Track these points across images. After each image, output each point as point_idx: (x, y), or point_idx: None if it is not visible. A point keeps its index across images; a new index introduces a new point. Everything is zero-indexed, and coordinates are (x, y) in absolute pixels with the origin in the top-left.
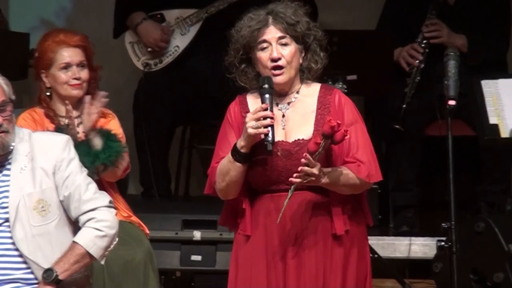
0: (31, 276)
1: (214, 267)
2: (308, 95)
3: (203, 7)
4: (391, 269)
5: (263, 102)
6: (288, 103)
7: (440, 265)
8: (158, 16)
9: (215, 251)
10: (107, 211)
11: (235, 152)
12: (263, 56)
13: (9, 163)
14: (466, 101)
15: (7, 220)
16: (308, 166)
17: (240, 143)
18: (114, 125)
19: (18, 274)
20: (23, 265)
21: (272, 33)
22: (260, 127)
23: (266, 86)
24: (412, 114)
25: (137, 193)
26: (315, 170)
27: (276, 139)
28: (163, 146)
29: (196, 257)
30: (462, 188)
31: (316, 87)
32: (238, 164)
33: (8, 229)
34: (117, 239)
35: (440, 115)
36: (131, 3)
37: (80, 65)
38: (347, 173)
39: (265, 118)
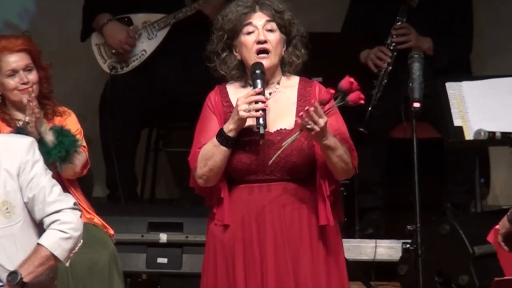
0: None
1: (180, 269)
2: (288, 87)
3: (171, 13)
4: (357, 272)
5: (255, 86)
6: (269, 93)
7: (405, 267)
8: (126, 19)
9: (181, 254)
10: (71, 213)
11: (222, 136)
12: (249, 39)
13: None
14: (431, 103)
15: None
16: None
17: (228, 126)
18: (71, 122)
19: None
20: None
21: (259, 17)
22: (252, 111)
23: (258, 71)
24: (378, 117)
25: (103, 195)
26: (321, 122)
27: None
28: (129, 148)
29: (162, 260)
30: (428, 190)
31: (295, 79)
32: (223, 148)
33: None
34: (81, 241)
35: (405, 118)
36: (98, 5)
37: (27, 68)
38: (345, 150)
39: (256, 102)
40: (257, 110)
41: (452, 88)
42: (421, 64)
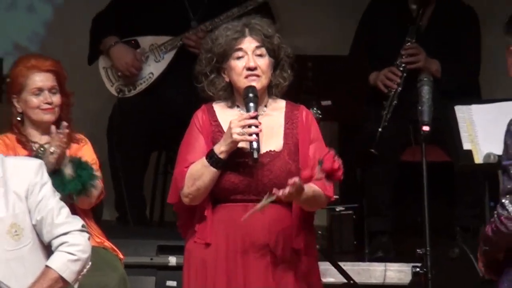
0: None
1: None
2: (275, 109)
3: (177, 35)
4: None
5: (248, 110)
6: (256, 116)
7: None
8: (133, 42)
9: None
10: (79, 235)
11: (212, 157)
12: (239, 64)
13: None
14: (440, 126)
15: None
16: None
17: (220, 148)
18: (87, 151)
19: None
20: None
21: (249, 42)
22: (245, 135)
23: (251, 95)
24: (388, 138)
25: (112, 218)
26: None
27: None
28: (137, 171)
29: (172, 283)
30: (437, 213)
31: (282, 103)
32: (213, 169)
33: None
34: (90, 263)
35: (414, 141)
36: (105, 28)
37: (52, 90)
38: (318, 192)
39: (250, 126)
40: (250, 134)
41: (462, 112)
42: (430, 88)
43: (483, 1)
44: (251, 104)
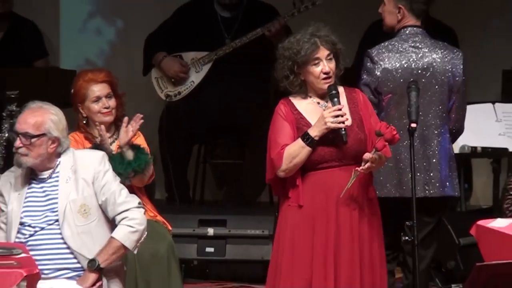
0: (78, 265)
1: (224, 257)
2: (341, 97)
3: (213, 50)
4: None
5: (334, 104)
6: (326, 101)
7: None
8: (178, 57)
9: (225, 244)
10: (137, 211)
11: (308, 139)
12: (316, 70)
13: (57, 176)
14: None
15: (56, 221)
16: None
17: (314, 132)
18: (141, 141)
19: (68, 264)
20: (71, 256)
21: (322, 51)
22: (335, 123)
23: (334, 91)
24: None
25: (162, 198)
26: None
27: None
28: (182, 161)
29: (210, 249)
30: None
31: (341, 88)
32: (308, 148)
33: (57, 228)
34: (146, 233)
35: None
36: (155, 46)
37: (108, 96)
38: (383, 156)
39: (337, 116)
40: (339, 122)
41: None
42: (417, 93)
43: (457, 13)
44: (335, 99)
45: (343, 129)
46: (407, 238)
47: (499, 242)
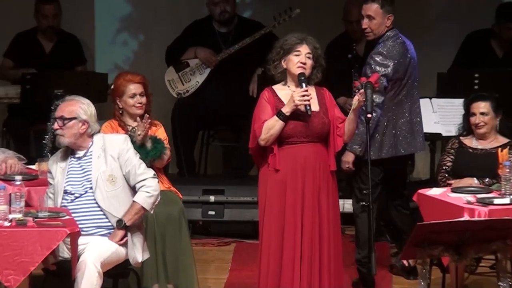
0: (109, 224)
1: (223, 218)
2: (310, 90)
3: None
4: None
5: (302, 86)
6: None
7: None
8: (185, 63)
9: (223, 209)
10: (152, 180)
11: (281, 114)
12: (295, 58)
13: (91, 153)
14: None
15: (91, 188)
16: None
17: (286, 109)
18: (161, 132)
19: (101, 223)
20: (103, 216)
21: (304, 48)
22: (303, 101)
23: (303, 77)
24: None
25: (174, 172)
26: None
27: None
28: (190, 144)
29: (211, 212)
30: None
31: (312, 87)
32: (281, 122)
33: (91, 194)
34: (159, 197)
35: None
36: (174, 54)
37: (141, 94)
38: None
39: (303, 95)
40: (305, 100)
41: None
42: (371, 90)
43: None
44: (303, 83)
45: (307, 106)
46: (364, 203)
47: (435, 206)
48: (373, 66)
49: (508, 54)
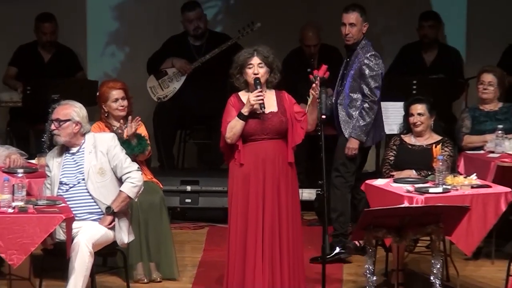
0: (99, 210)
1: (198, 205)
2: (270, 93)
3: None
4: None
5: (257, 89)
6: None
7: (317, 203)
8: (163, 71)
9: (198, 197)
10: (136, 173)
11: (240, 115)
12: (249, 71)
13: (83, 150)
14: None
15: (83, 179)
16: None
17: (244, 109)
18: (142, 129)
19: (92, 209)
20: (94, 204)
21: (255, 60)
22: (257, 100)
23: (257, 81)
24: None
25: (156, 166)
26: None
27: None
28: (170, 141)
29: (188, 200)
30: (330, 161)
31: (272, 91)
32: (242, 121)
33: (84, 184)
34: (143, 187)
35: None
36: (154, 64)
37: (123, 98)
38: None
39: (258, 96)
40: (259, 100)
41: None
42: (326, 95)
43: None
44: (258, 86)
45: (261, 104)
46: (319, 191)
47: (379, 194)
48: (372, 66)
49: (434, 63)
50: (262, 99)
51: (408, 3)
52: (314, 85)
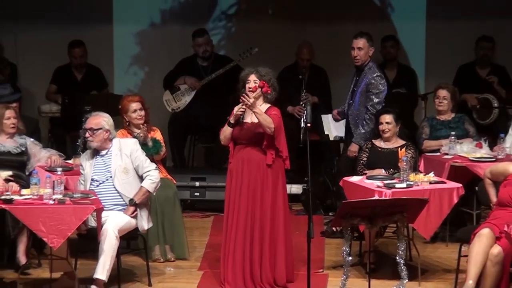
0: (123, 202)
1: (205, 198)
2: (264, 106)
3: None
4: None
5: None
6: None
7: (304, 196)
8: (177, 87)
9: (205, 191)
10: (155, 171)
11: (229, 122)
12: (247, 86)
13: (111, 153)
14: (317, 124)
15: (111, 177)
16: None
17: (231, 118)
18: (158, 134)
19: (117, 202)
20: (119, 197)
21: (252, 77)
22: (238, 112)
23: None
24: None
25: (170, 165)
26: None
27: (245, 121)
28: (181, 145)
29: (197, 193)
30: (315, 162)
31: (267, 105)
32: (229, 128)
33: (111, 181)
34: (160, 183)
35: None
36: (169, 81)
37: (140, 109)
38: (268, 117)
39: (239, 108)
40: (240, 112)
41: (325, 117)
42: (310, 105)
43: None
44: (245, 99)
45: (241, 116)
46: (305, 186)
47: (355, 189)
48: (376, 85)
49: (395, 80)
50: (243, 111)
51: (378, 31)
52: (241, 97)
